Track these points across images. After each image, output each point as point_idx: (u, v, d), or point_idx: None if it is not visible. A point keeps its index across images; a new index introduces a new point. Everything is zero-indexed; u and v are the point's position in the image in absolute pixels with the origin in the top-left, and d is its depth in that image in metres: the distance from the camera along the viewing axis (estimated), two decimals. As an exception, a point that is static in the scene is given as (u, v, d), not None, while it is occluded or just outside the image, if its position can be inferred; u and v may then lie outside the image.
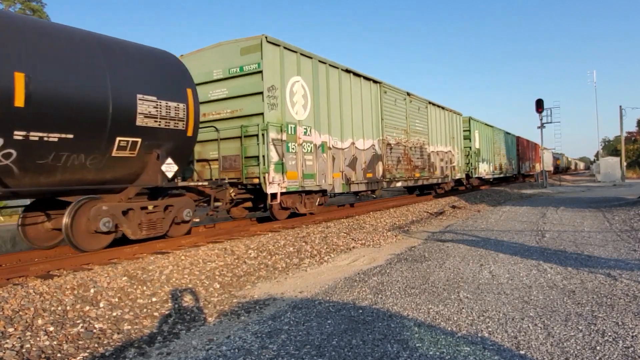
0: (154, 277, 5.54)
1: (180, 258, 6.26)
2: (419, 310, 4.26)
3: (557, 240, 8.00)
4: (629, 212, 11.50)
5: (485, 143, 24.32)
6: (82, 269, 5.72)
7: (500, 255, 6.70)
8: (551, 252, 6.85)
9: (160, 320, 4.52)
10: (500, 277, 5.42)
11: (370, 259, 7.10)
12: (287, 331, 3.84)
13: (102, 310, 4.54)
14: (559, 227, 9.63)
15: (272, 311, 4.53)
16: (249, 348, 3.50)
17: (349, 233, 9.26)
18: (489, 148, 24.82)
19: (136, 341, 4.05)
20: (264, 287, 5.67)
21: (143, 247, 6.96)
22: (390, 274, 5.83)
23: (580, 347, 3.29)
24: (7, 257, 6.42)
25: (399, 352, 3.28)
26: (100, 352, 3.81)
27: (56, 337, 3.91)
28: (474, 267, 6.02)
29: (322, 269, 6.59)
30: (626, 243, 7.49)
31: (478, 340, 3.47)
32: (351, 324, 3.94)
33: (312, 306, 4.55)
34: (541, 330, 3.65)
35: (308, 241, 8.14)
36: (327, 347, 3.45)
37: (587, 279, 5.21)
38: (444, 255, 6.84)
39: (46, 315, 4.22)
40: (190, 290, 5.40)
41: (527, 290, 4.82)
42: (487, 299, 4.55)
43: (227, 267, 6.30)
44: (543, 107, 28.55)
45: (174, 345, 3.85)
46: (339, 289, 5.19)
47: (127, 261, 6.08)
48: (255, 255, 6.94)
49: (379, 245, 8.45)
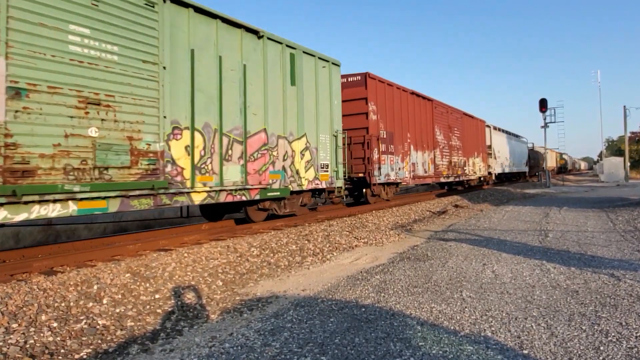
0: (157, 274, 5.55)
1: (183, 255, 6.27)
2: (421, 309, 4.26)
3: (560, 240, 7.97)
4: (632, 213, 11.47)
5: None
6: (85, 266, 5.74)
7: (503, 255, 6.69)
8: (554, 252, 6.83)
9: (163, 317, 4.53)
10: (503, 277, 5.41)
11: (373, 258, 7.10)
12: (289, 329, 3.85)
13: (106, 307, 4.55)
14: (562, 227, 9.60)
15: (274, 309, 4.53)
16: (251, 345, 3.51)
17: (351, 231, 9.26)
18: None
19: (139, 338, 4.06)
20: (267, 285, 5.67)
21: (146, 244, 6.98)
22: (393, 272, 5.82)
23: (583, 347, 3.28)
24: (10, 254, 6.44)
25: (401, 351, 3.27)
26: (104, 348, 3.82)
27: (60, 333, 3.93)
28: (477, 266, 6.01)
29: (324, 267, 6.59)
30: (630, 243, 7.46)
31: (481, 340, 3.47)
32: (354, 322, 3.94)
33: (314, 304, 4.55)
34: (544, 330, 3.64)
35: (311, 239, 8.15)
36: (329, 345, 3.45)
37: (590, 279, 5.19)
38: (446, 255, 6.84)
39: (50, 312, 4.24)
40: (193, 287, 5.41)
41: (530, 290, 4.81)
42: (490, 299, 4.54)
43: (229, 265, 6.31)
44: (547, 107, 28.49)
45: (177, 342, 3.86)
46: (342, 287, 5.19)
47: (130, 258, 6.10)
48: (257, 253, 6.95)
49: (381, 243, 8.45)
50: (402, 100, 14.71)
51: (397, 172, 14.06)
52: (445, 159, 18.34)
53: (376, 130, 12.83)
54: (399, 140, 14.25)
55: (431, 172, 16.77)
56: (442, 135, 18.05)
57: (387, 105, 13.52)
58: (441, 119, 18.15)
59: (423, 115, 16.38)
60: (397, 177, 14.10)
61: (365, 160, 12.45)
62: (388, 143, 13.44)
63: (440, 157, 17.72)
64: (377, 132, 12.85)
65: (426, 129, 16.55)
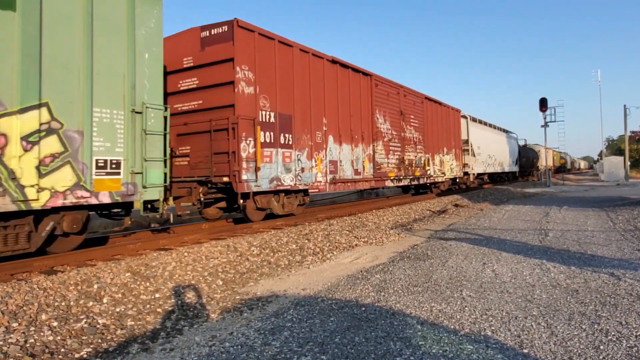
0: (157, 273, 5.56)
1: (183, 255, 6.28)
2: (421, 309, 4.26)
3: (560, 239, 7.97)
4: (632, 212, 11.47)
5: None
6: (85, 265, 5.75)
7: (503, 254, 6.69)
8: (554, 252, 6.83)
9: (163, 317, 4.54)
10: (504, 276, 5.41)
11: (373, 257, 7.10)
12: (289, 328, 3.85)
13: (106, 306, 4.55)
14: (562, 227, 9.60)
15: (274, 308, 4.53)
16: (251, 345, 3.51)
17: (351, 231, 9.26)
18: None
19: (139, 337, 4.06)
20: (267, 284, 5.68)
21: (146, 243, 6.98)
22: (393, 272, 5.82)
23: (583, 346, 3.28)
24: (11, 253, 6.42)
25: (401, 350, 3.28)
26: (104, 347, 3.82)
27: (60, 332, 3.93)
28: (477, 265, 6.01)
29: (324, 267, 6.60)
30: (630, 243, 7.46)
31: (481, 339, 3.47)
32: (354, 322, 3.94)
33: (314, 303, 4.55)
34: (544, 329, 3.65)
35: (311, 238, 8.15)
36: (329, 344, 3.45)
37: (590, 278, 5.19)
38: (446, 254, 6.84)
39: (50, 311, 4.24)
40: (193, 286, 5.41)
41: (530, 289, 4.81)
42: (490, 298, 4.54)
43: (229, 264, 6.31)
44: (547, 106, 28.48)
45: (177, 341, 3.86)
46: (342, 286, 5.19)
47: (130, 257, 6.10)
48: (258, 253, 6.95)
49: (381, 243, 8.45)
50: (314, 71, 10.25)
51: (300, 174, 9.61)
52: (394, 156, 13.88)
53: (251, 109, 8.44)
54: (303, 128, 9.82)
55: (368, 173, 12.39)
56: (387, 124, 13.52)
57: (278, 75, 9.14)
58: (387, 102, 13.60)
59: (355, 94, 11.94)
60: (298, 181, 9.55)
61: (230, 156, 8.12)
62: (278, 131, 9.06)
63: (384, 153, 13.25)
64: (255, 112, 8.49)
65: (359, 114, 12.07)
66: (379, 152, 12.99)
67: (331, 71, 10.93)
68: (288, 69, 9.47)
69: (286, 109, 9.37)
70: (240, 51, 8.28)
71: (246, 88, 8.36)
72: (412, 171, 15.11)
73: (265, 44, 8.92)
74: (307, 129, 9.99)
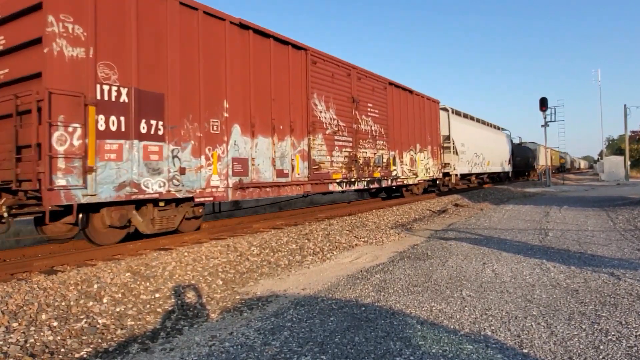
0: (157, 273, 5.56)
1: (183, 254, 6.28)
2: (421, 308, 4.26)
3: (560, 239, 7.97)
4: (632, 212, 11.46)
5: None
6: (85, 265, 5.75)
7: (503, 254, 6.69)
8: (554, 251, 6.83)
9: (163, 316, 4.54)
10: (503, 276, 5.41)
11: (373, 257, 7.10)
12: (289, 328, 3.85)
13: (106, 306, 4.55)
14: (562, 226, 9.60)
15: (274, 308, 4.54)
16: (251, 344, 3.51)
17: (351, 231, 9.26)
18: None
19: (139, 337, 4.07)
20: (267, 284, 5.68)
21: (146, 243, 6.98)
22: (393, 271, 5.82)
23: (583, 346, 3.28)
24: (11, 253, 6.44)
25: (401, 350, 3.28)
26: (104, 347, 3.83)
27: (60, 332, 3.93)
28: (477, 265, 6.01)
29: (324, 267, 6.60)
30: (630, 242, 7.46)
31: (481, 339, 3.47)
32: (354, 322, 3.94)
33: (314, 303, 4.56)
34: (544, 329, 3.65)
35: (311, 238, 8.15)
36: (329, 344, 3.45)
37: (590, 278, 5.19)
38: (446, 254, 6.84)
39: (50, 311, 4.24)
40: (193, 286, 5.41)
41: (530, 289, 4.81)
42: (490, 298, 4.54)
43: (229, 264, 6.32)
44: (547, 106, 28.46)
45: (177, 341, 3.87)
46: (342, 286, 5.19)
47: (130, 257, 6.11)
48: (258, 252, 6.95)
49: (381, 243, 8.45)
50: (209, 35, 7.50)
51: (177, 177, 6.81)
52: (341, 153, 11.03)
53: (79, 81, 5.67)
54: (185, 113, 7.00)
55: (301, 174, 9.60)
56: (332, 112, 10.67)
57: (140, 34, 6.36)
58: (331, 85, 10.75)
59: (280, 72, 9.14)
60: (173, 187, 6.77)
61: (33, 150, 5.41)
62: (136, 115, 6.24)
63: (325, 150, 10.39)
64: (87, 86, 5.72)
65: (288, 98, 9.32)
66: (317, 147, 10.08)
67: (240, 39, 8.14)
68: (160, 27, 6.66)
69: (153, 84, 6.52)
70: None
71: (68, 49, 5.57)
72: (369, 172, 12.28)
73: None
74: (194, 115, 7.16)
